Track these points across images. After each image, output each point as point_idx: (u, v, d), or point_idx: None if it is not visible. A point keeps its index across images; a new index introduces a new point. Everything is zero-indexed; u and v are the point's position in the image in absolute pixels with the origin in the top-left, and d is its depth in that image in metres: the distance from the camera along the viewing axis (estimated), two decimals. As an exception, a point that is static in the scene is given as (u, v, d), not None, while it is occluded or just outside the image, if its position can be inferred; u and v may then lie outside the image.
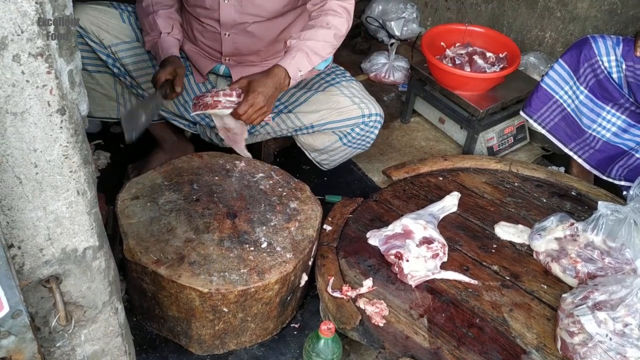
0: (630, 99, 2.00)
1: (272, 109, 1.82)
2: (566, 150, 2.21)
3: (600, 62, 2.04)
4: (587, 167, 2.18)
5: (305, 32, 1.85)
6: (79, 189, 0.96)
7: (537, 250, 1.79)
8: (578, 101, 2.09)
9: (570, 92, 2.13)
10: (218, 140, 2.14)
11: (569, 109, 2.11)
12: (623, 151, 2.06)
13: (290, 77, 1.81)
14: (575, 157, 2.19)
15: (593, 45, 2.04)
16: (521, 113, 2.29)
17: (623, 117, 2.05)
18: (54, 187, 0.93)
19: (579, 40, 2.11)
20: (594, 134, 2.10)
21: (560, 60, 2.14)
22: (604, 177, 2.15)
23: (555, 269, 1.76)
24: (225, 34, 1.96)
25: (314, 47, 1.84)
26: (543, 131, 2.24)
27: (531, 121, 2.25)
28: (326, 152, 2.17)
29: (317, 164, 2.25)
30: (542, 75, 2.23)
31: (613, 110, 2.05)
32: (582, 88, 2.10)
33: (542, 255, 1.80)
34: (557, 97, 2.14)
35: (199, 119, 2.11)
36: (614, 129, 2.07)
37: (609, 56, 2.03)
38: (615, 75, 2.01)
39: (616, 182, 2.12)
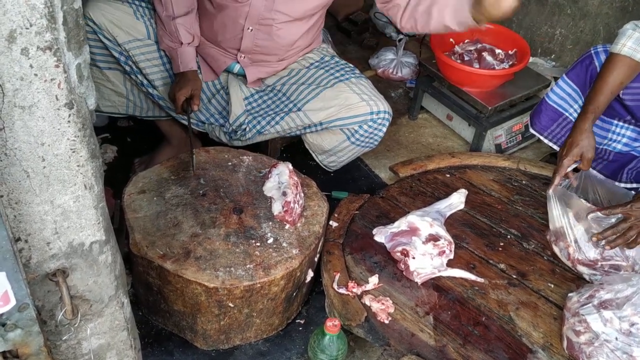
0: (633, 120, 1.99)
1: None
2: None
3: None
4: (601, 177, 2.15)
5: None
6: (86, 183, 0.96)
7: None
8: None
9: (579, 110, 2.10)
10: (227, 139, 2.15)
11: None
12: (633, 157, 2.06)
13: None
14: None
15: (597, 63, 2.00)
16: (531, 130, 2.26)
17: (632, 127, 2.04)
18: (61, 181, 0.93)
19: (583, 57, 2.06)
20: (605, 147, 2.09)
21: (565, 77, 2.09)
22: (616, 184, 2.13)
23: (555, 249, 1.83)
24: (248, 29, 1.97)
25: None
26: (555, 147, 2.21)
27: (542, 138, 2.22)
28: (334, 154, 2.16)
29: (324, 167, 2.25)
30: (549, 87, 2.18)
31: (621, 123, 2.04)
32: None
33: (548, 235, 1.87)
34: (566, 114, 2.11)
35: (209, 115, 2.12)
36: (624, 140, 2.06)
37: None
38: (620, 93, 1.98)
39: (628, 185, 2.10)
